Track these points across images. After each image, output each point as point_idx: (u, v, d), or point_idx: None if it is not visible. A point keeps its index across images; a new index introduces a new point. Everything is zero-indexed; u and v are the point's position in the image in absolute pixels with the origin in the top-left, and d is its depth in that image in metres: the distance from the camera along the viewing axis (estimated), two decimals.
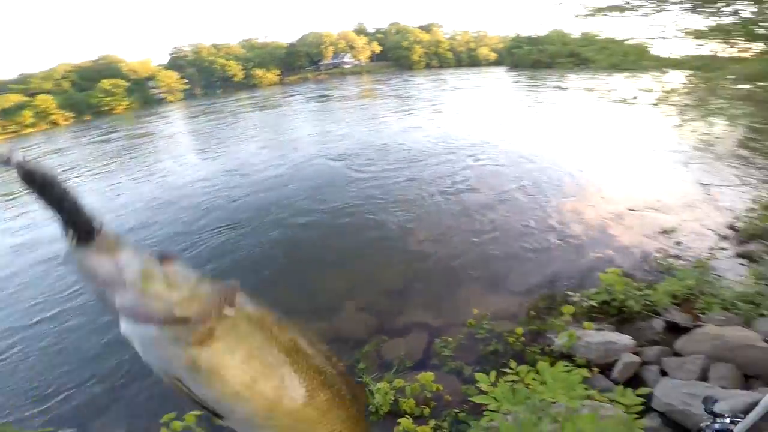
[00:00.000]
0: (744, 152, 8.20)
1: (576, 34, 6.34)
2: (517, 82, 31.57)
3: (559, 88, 22.62)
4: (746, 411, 2.28)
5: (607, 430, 1.93)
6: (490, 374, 2.15)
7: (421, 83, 35.46)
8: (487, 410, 1.98)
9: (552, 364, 2.24)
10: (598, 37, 6.05)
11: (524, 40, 50.01)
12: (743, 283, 3.87)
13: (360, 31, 75.43)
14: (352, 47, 70.22)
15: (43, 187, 0.36)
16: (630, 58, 5.31)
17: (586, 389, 2.36)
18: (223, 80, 59.39)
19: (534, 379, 2.23)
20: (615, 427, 2.00)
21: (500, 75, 40.70)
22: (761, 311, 3.42)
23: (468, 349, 3.58)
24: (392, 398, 3.01)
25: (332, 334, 3.88)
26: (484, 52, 70.67)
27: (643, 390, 2.23)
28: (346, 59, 68.31)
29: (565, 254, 5.20)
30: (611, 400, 2.38)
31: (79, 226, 0.38)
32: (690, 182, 7.03)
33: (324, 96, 30.90)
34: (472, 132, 12.45)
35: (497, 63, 62.78)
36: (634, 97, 5.71)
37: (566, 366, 2.74)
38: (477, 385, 2.08)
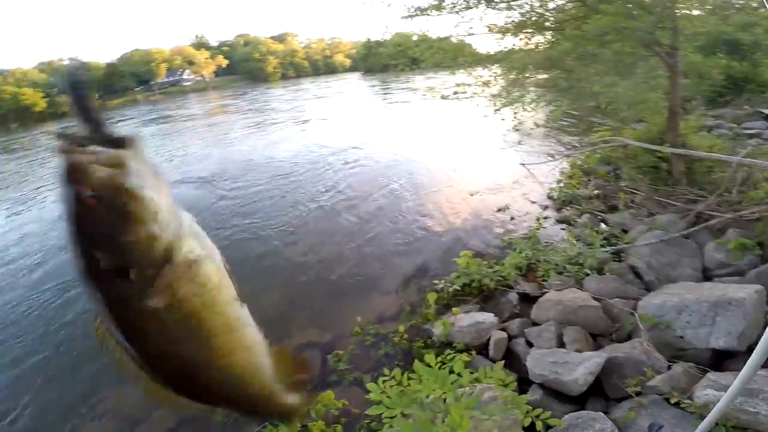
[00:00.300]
0: (549, 132, 9.94)
1: (415, 36, 6.68)
2: (372, 86, 32.97)
3: (409, 89, 24.22)
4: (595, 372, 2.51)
5: (495, 412, 1.93)
6: (378, 381, 2.13)
7: (281, 94, 34.26)
8: (386, 417, 1.98)
9: (437, 355, 2.33)
10: (426, 38, 6.51)
11: (373, 45, 52.60)
12: (567, 246, 4.36)
13: (200, 45, 69.47)
14: (191, 63, 64.26)
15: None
16: (450, 56, 5.82)
17: (471, 373, 2.41)
18: (18, 112, 47.85)
19: (411, 378, 2.21)
20: (501, 408, 2.01)
21: (356, 80, 42.02)
22: (585, 271, 3.89)
23: (361, 358, 3.50)
24: (299, 425, 2.72)
25: None
26: (339, 58, 71.95)
27: (499, 364, 2.27)
28: (185, 76, 62.16)
29: (428, 245, 5.37)
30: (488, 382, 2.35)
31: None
32: (514, 163, 8.11)
33: (166, 117, 27.16)
34: (339, 138, 12.41)
35: (353, 69, 64.49)
36: (455, 93, 6.33)
37: (449, 353, 2.77)
38: (368, 396, 2.07)
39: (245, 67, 65.62)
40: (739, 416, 1.81)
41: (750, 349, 2.45)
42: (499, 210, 6.04)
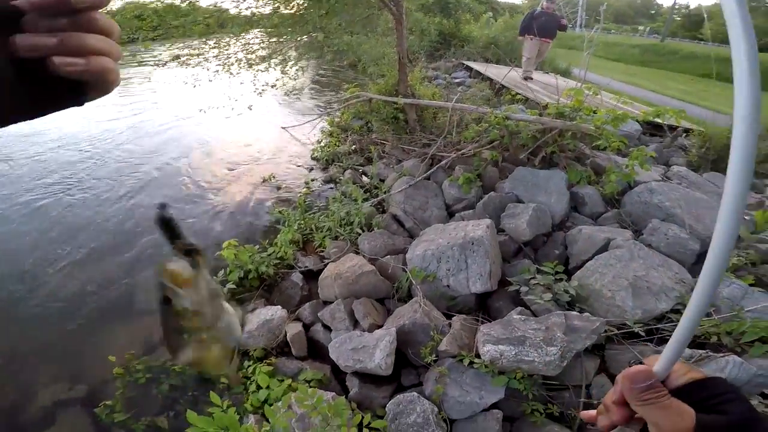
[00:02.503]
0: (308, 92, 9.71)
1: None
2: None
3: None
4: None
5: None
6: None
7: None
8: None
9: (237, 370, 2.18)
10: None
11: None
12: (336, 207, 4.21)
13: None
14: None
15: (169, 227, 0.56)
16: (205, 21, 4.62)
17: (281, 381, 2.38)
18: None
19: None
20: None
21: None
22: (357, 230, 3.82)
23: (142, 401, 2.81)
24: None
25: None
26: None
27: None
28: None
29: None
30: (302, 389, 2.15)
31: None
32: (274, 127, 7.54)
33: None
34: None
35: None
36: (185, 59, 5.19)
37: (248, 365, 2.62)
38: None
39: None
40: (521, 366, 1.99)
41: (501, 283, 2.92)
42: (264, 181, 5.44)
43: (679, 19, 37.96)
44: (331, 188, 5.19)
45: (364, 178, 5.16)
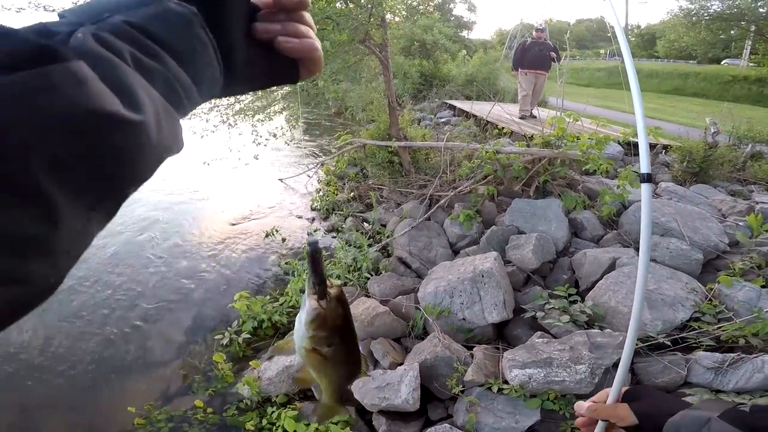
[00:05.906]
0: (301, 142, 10.08)
1: None
2: None
3: None
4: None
5: None
6: None
7: None
8: None
9: (260, 417, 2.24)
10: None
11: None
12: (342, 255, 4.29)
13: None
14: None
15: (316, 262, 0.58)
16: None
17: (307, 425, 2.39)
18: None
19: None
20: None
21: None
22: (365, 275, 3.90)
23: None
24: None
25: None
26: None
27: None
28: None
29: (196, 296, 4.37)
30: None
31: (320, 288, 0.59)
32: (270, 180, 7.75)
33: None
34: None
35: None
36: None
37: (272, 412, 2.59)
38: None
39: None
40: (552, 387, 2.01)
41: (516, 312, 2.97)
42: (267, 235, 5.53)
43: (633, 39, 40.18)
44: (334, 237, 5.29)
45: (366, 225, 5.28)
